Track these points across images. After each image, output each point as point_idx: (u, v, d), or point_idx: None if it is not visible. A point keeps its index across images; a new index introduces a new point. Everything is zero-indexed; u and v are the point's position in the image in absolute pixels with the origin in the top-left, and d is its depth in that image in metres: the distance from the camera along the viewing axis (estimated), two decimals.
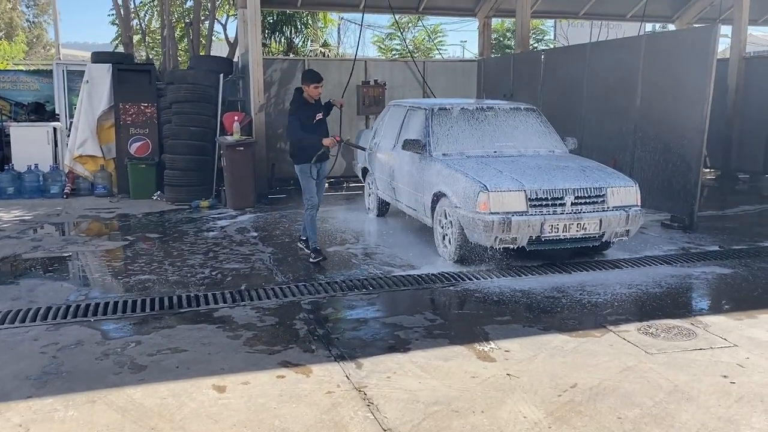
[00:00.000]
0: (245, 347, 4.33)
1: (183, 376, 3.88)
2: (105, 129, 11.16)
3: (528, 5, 11.30)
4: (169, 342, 4.41)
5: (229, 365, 4.02)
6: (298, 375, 3.89)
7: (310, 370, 3.96)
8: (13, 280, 5.99)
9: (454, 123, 7.33)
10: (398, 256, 6.76)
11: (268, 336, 4.54)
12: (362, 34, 13.43)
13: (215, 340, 4.46)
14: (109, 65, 11.06)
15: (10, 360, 4.11)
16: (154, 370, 3.95)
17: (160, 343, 4.38)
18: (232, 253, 6.91)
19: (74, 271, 6.59)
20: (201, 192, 10.26)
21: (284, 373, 3.91)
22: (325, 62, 13.33)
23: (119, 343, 4.39)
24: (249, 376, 3.86)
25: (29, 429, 3.26)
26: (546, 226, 5.99)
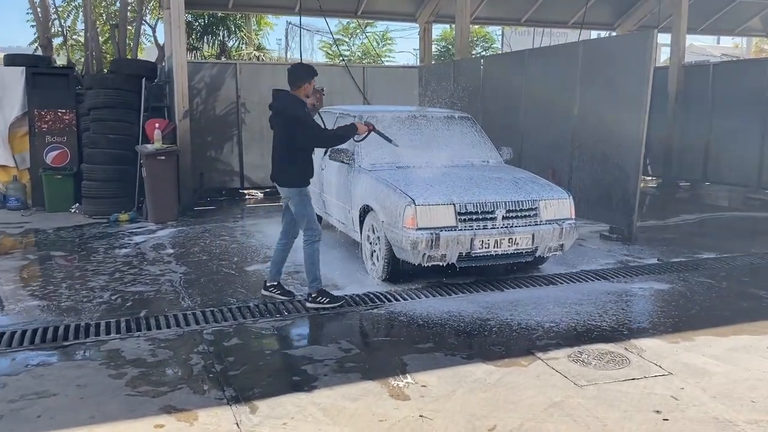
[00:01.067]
0: (127, 389, 3.78)
1: (43, 428, 3.31)
2: (18, 137, 10.37)
3: (467, 12, 11.00)
4: (38, 384, 3.82)
5: (101, 412, 3.47)
6: (180, 424, 3.36)
7: (196, 416, 3.44)
8: None
9: (388, 131, 6.89)
10: (324, 275, 6.26)
11: (156, 374, 3.99)
12: (301, 38, 12.93)
13: (94, 380, 3.89)
14: (22, 69, 10.27)
15: None
16: (9, 422, 3.37)
17: (27, 386, 3.79)
18: (140, 274, 6.31)
19: None
20: (122, 204, 9.58)
21: (164, 421, 3.38)
22: (257, 66, 12.77)
23: None
24: (121, 427, 3.32)
25: None
26: (476, 241, 5.60)
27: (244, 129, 11.67)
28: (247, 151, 11.73)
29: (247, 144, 11.72)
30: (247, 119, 11.65)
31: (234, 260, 6.89)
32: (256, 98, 11.64)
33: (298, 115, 5.28)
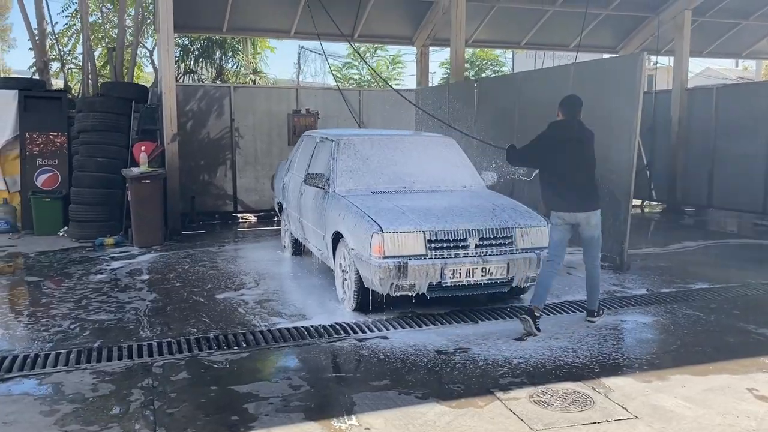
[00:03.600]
0: (55, 427, 3.58)
1: None
2: (9, 160, 10.36)
3: (462, 35, 10.86)
4: None
5: None
6: None
7: None
8: None
9: (363, 156, 6.73)
10: (293, 304, 6.08)
11: (91, 411, 3.79)
12: (324, 63, 12.92)
13: (24, 417, 3.70)
14: (15, 92, 10.30)
15: None
16: None
17: None
18: (108, 301, 6.15)
19: None
20: (108, 228, 9.48)
21: None
22: (252, 90, 12.74)
23: None
24: None
25: None
26: (447, 270, 5.37)
27: (238, 153, 11.59)
28: (240, 174, 11.64)
29: (241, 167, 11.63)
30: (241, 143, 11.57)
31: (207, 287, 6.71)
32: (250, 122, 11.60)
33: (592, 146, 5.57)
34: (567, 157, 5.36)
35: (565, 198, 5.39)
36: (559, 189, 5.41)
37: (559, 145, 5.40)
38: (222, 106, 11.40)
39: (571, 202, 5.39)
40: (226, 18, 11.50)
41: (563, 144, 5.39)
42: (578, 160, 5.41)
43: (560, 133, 5.45)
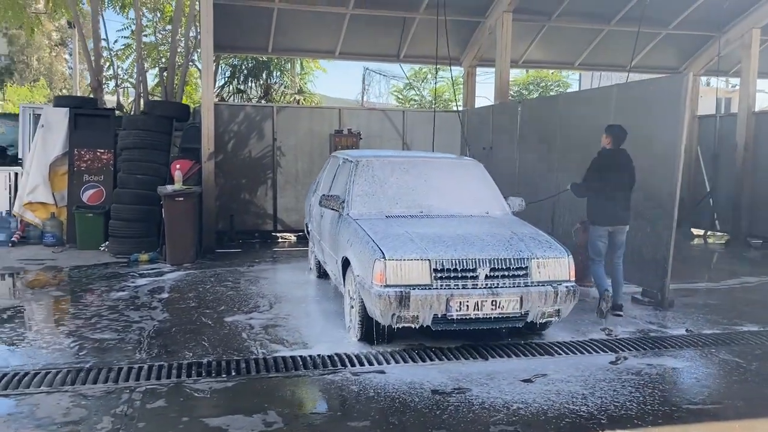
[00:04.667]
0: None
1: None
2: (59, 175, 10.69)
3: (507, 55, 10.50)
4: None
5: None
6: None
7: None
8: None
9: (382, 178, 6.49)
10: (299, 331, 5.86)
11: None
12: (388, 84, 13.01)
13: None
14: (66, 109, 10.66)
15: None
16: None
17: None
18: (118, 320, 6.11)
19: None
20: (146, 245, 9.59)
21: None
22: (295, 110, 12.73)
23: None
24: None
25: None
26: (453, 303, 5.02)
27: (280, 172, 11.57)
28: (281, 194, 11.60)
29: (282, 187, 11.60)
30: (282, 162, 11.56)
31: (219, 309, 6.59)
32: (292, 141, 11.57)
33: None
34: (613, 181, 6.49)
35: (610, 214, 6.55)
36: (606, 207, 6.53)
37: (607, 171, 6.53)
38: (265, 125, 11.43)
39: (614, 217, 6.55)
40: (270, 39, 11.58)
41: (611, 170, 6.52)
42: (622, 183, 6.55)
43: (609, 161, 6.60)
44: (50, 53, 36.97)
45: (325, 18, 11.26)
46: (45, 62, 36.97)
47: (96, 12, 12.20)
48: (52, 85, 34.07)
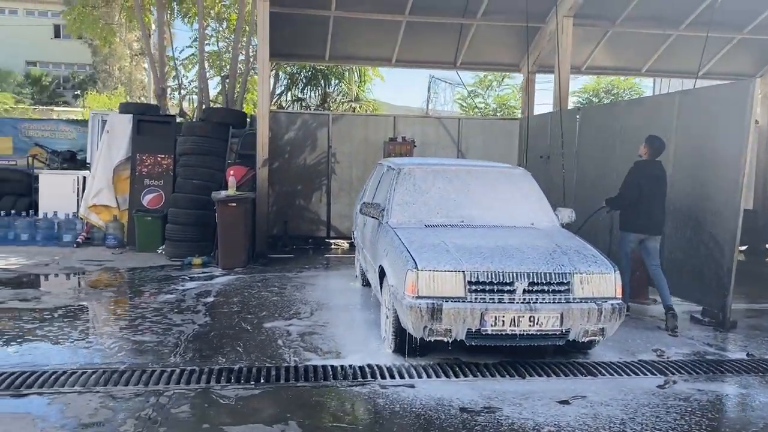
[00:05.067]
0: None
1: None
2: (122, 179, 11.07)
3: (567, 61, 10.17)
4: None
5: None
6: None
7: None
8: None
9: (425, 186, 6.36)
10: (335, 339, 5.80)
11: None
12: (438, 91, 12.93)
13: None
14: (130, 116, 11.05)
15: None
16: None
17: None
18: (160, 323, 6.21)
19: None
20: (200, 249, 9.78)
21: None
22: (350, 117, 12.75)
23: None
24: None
25: None
26: (488, 317, 4.83)
27: (334, 179, 11.62)
28: (335, 200, 11.64)
29: (336, 194, 11.63)
30: (336, 169, 11.60)
31: (261, 315, 6.61)
32: (347, 149, 11.60)
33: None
34: (649, 191, 6.50)
35: (641, 223, 6.59)
36: (638, 216, 6.57)
37: (643, 181, 6.52)
38: (320, 133, 11.51)
39: (645, 227, 6.59)
40: (327, 46, 11.65)
41: (646, 180, 6.51)
42: (657, 193, 6.54)
43: (643, 171, 6.60)
44: (130, 62, 38.62)
45: (382, 25, 11.24)
46: (125, 71, 38.63)
47: (161, 23, 12.62)
48: (132, 93, 35.61)
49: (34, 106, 25.91)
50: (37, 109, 25.31)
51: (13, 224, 10.88)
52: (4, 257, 9.45)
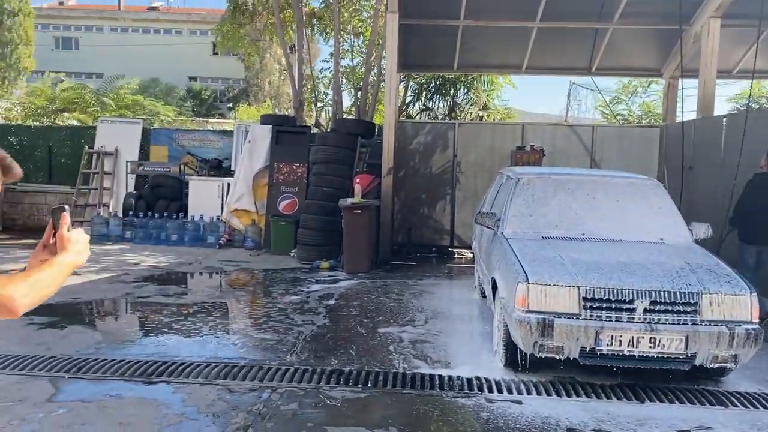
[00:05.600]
0: None
1: None
2: (260, 186, 11.78)
3: (713, 64, 9.42)
4: (97, 413, 4.14)
5: None
6: None
7: None
8: None
9: (544, 196, 6.17)
10: (446, 349, 5.77)
11: (193, 426, 4.02)
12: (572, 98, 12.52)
13: (139, 421, 4.07)
14: (270, 127, 11.74)
15: None
16: None
17: (84, 414, 4.13)
18: (283, 322, 6.53)
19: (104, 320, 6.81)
20: (328, 253, 10.16)
21: None
22: (476, 126, 12.62)
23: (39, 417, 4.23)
24: None
25: None
26: (603, 336, 4.59)
27: (458, 188, 11.59)
28: (459, 209, 11.60)
29: (460, 203, 11.59)
30: (461, 178, 11.56)
31: (377, 320, 6.74)
32: (472, 158, 11.54)
33: None
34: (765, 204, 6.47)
35: (761, 234, 6.53)
36: (757, 227, 6.53)
37: (760, 194, 6.53)
38: (446, 141, 11.54)
39: (764, 238, 6.53)
40: (455, 56, 11.66)
41: (763, 193, 6.51)
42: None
43: (762, 183, 6.62)
44: (279, 77, 40.96)
45: (511, 33, 11.07)
46: (274, 85, 41.04)
47: (300, 39, 13.30)
48: (279, 105, 37.76)
49: (192, 118, 28.22)
50: (195, 120, 27.54)
51: (165, 225, 11.91)
52: (155, 256, 10.38)
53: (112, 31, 45.18)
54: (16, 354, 5.19)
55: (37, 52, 34.84)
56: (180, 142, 13.51)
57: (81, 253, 1.92)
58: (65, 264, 1.86)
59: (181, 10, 46.71)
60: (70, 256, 1.88)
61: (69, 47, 44.93)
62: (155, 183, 12.63)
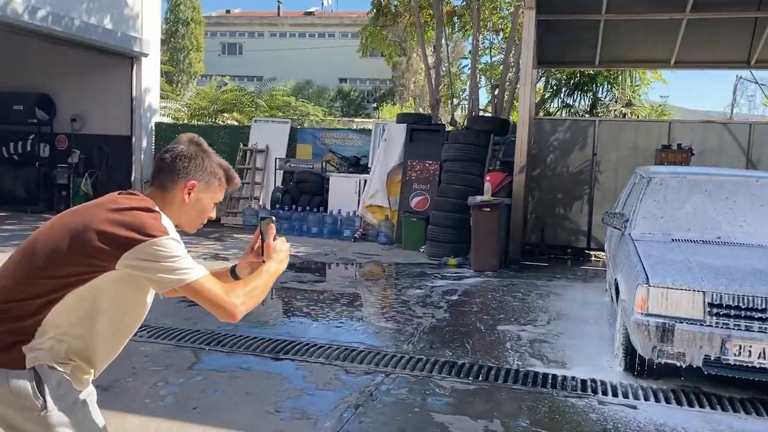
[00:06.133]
0: (272, 408, 4.23)
1: (193, 420, 4.00)
2: (394, 183, 12.14)
3: None
4: (226, 382, 4.60)
5: (243, 418, 4.00)
6: None
7: None
8: None
9: (678, 196, 5.88)
10: (565, 350, 5.68)
11: (310, 400, 4.35)
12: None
13: (263, 390, 4.47)
14: (405, 125, 12.06)
15: None
16: (174, 406, 4.18)
17: (214, 382, 4.60)
18: (404, 313, 6.76)
19: None
20: (457, 250, 10.26)
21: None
22: (618, 123, 12.00)
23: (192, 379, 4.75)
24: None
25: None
26: (730, 345, 4.32)
27: (597, 188, 11.18)
28: (597, 210, 11.16)
29: (598, 203, 11.16)
30: (600, 178, 11.14)
31: (497, 317, 6.76)
32: (613, 157, 11.08)
33: None
34: None
35: None
36: None
37: None
38: (584, 139, 11.17)
39: None
40: (597, 51, 11.24)
41: None
42: None
43: None
44: (423, 76, 41.53)
45: (658, 25, 10.48)
46: (419, 85, 41.69)
47: (440, 37, 13.50)
48: (423, 104, 38.36)
49: (338, 118, 29.49)
50: (341, 120, 28.77)
51: (306, 218, 12.64)
52: (296, 246, 11.05)
53: (271, 37, 48.34)
54: (167, 326, 5.86)
55: (206, 57, 38.19)
56: (323, 141, 14.21)
57: (283, 261, 2.20)
58: (272, 272, 2.14)
59: (334, 14, 48.81)
60: (275, 264, 2.16)
61: (234, 52, 48.70)
62: (300, 179, 13.42)
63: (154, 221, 1.93)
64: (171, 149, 2.11)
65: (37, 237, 1.99)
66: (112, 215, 1.92)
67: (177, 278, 1.92)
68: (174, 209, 2.09)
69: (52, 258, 1.90)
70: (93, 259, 1.89)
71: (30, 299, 1.89)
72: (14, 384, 1.86)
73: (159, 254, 1.90)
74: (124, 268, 1.90)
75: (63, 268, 1.89)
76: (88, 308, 1.94)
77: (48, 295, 1.89)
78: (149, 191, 2.11)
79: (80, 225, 1.92)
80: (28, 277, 1.91)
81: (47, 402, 1.88)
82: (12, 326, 1.88)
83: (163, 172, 2.10)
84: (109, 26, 13.31)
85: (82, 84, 14.38)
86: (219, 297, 1.95)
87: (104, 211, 1.94)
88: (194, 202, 2.12)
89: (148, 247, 1.88)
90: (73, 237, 1.90)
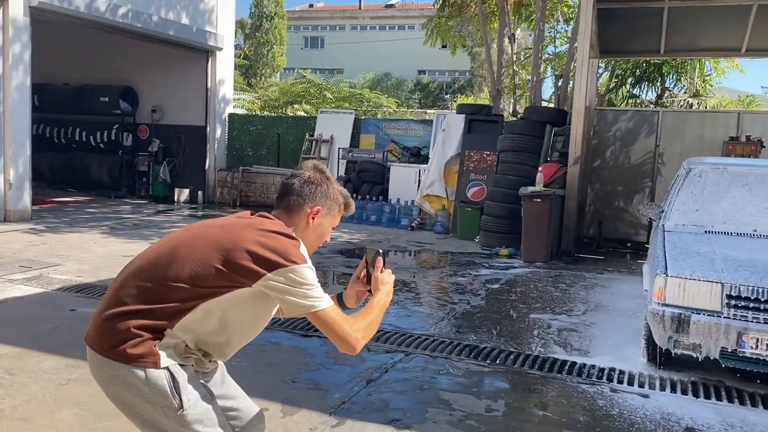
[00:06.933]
0: (285, 383, 4.52)
1: None
2: (451, 173, 12.24)
3: None
4: (254, 355, 4.94)
5: (260, 388, 4.31)
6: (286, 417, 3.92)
7: (298, 411, 3.94)
8: None
9: (717, 188, 5.74)
10: (591, 340, 5.69)
11: (327, 372, 4.61)
12: None
13: (285, 362, 4.77)
14: (463, 116, 12.13)
15: None
16: None
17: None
18: (440, 299, 6.95)
19: None
20: (511, 240, 10.26)
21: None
22: (683, 114, 11.56)
23: None
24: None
25: None
26: (747, 338, 4.25)
27: (659, 181, 10.87)
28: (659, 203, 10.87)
29: (660, 196, 10.80)
30: (663, 171, 10.84)
31: (533, 306, 6.81)
32: (677, 149, 10.75)
33: None
34: None
35: None
36: None
37: None
38: (647, 130, 10.88)
39: None
40: (661, 39, 10.89)
41: None
42: None
43: None
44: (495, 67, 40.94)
45: (726, 12, 10.05)
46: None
47: (502, 27, 13.43)
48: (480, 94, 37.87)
49: (411, 109, 29.68)
50: (414, 111, 28.95)
51: (366, 207, 12.95)
52: (352, 233, 11.41)
53: (352, 30, 49.02)
54: None
55: (288, 51, 39.27)
56: (385, 131, 14.47)
57: (389, 293, 2.28)
58: (381, 304, 2.24)
59: (414, 6, 48.89)
60: (383, 296, 2.25)
61: (316, 46, 49.73)
62: (362, 168, 13.74)
63: (295, 248, 2.06)
64: (298, 175, 2.23)
65: (180, 243, 2.10)
66: (260, 238, 2.04)
67: (308, 305, 2.04)
68: (297, 232, 2.18)
69: (199, 269, 2.01)
70: (236, 275, 2.00)
71: (167, 303, 2.01)
72: (152, 382, 1.99)
73: (296, 280, 2.01)
74: (261, 287, 2.02)
75: (207, 280, 2.01)
76: (218, 320, 2.07)
77: (184, 302, 2.01)
78: (275, 213, 2.23)
79: (230, 243, 2.03)
80: (168, 280, 2.02)
81: (183, 401, 2.02)
82: (148, 324, 2.00)
83: (290, 196, 2.21)
84: (186, 22, 14.07)
85: (162, 77, 15.25)
86: (344, 330, 2.07)
87: (253, 232, 2.06)
88: (316, 226, 2.24)
89: (289, 272, 2.00)
90: (223, 253, 2.01)
